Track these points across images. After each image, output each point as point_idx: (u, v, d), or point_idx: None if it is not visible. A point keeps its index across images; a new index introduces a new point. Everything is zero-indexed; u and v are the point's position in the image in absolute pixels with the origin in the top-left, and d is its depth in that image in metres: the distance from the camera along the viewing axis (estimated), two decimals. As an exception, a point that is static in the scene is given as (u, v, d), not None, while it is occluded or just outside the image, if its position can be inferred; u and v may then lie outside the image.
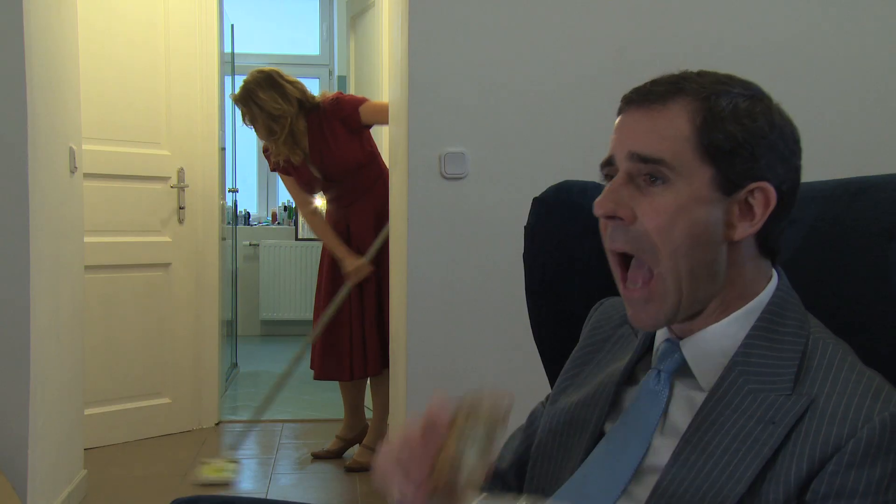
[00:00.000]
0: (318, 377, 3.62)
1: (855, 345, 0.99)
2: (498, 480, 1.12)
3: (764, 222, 0.95)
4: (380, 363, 3.44)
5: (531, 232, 1.36)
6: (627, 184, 0.95)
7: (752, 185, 0.94)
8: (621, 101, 1.00)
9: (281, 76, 3.47)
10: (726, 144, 0.93)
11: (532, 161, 2.53)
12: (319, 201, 3.85)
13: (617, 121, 0.99)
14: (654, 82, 0.98)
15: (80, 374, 3.14)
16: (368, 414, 3.77)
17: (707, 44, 2.58)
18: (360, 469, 3.46)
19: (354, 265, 3.44)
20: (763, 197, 0.95)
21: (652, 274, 0.95)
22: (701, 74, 0.99)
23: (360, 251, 3.49)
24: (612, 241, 0.98)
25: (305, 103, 3.47)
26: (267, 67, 3.52)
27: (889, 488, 0.85)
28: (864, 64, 2.66)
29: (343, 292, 3.46)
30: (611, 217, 0.96)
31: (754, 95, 0.97)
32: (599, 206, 0.96)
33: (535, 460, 1.09)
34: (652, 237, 0.93)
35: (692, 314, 0.97)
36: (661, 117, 0.95)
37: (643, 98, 0.97)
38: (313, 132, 3.48)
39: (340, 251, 3.49)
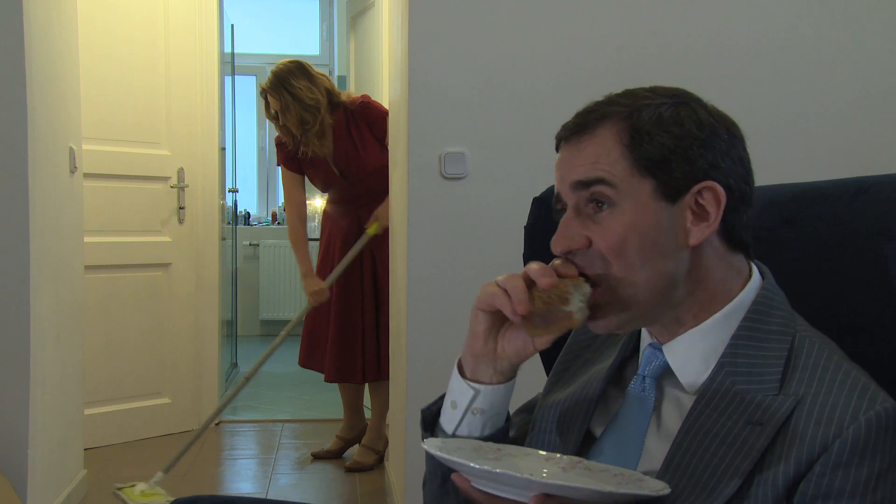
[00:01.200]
0: (330, 380, 3.60)
1: (854, 345, 0.99)
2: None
3: (721, 219, 0.96)
4: None
5: (531, 232, 1.36)
6: (577, 217, 0.97)
7: (698, 187, 0.95)
8: (555, 139, 1.02)
9: (311, 67, 3.45)
10: (658, 155, 0.95)
11: (532, 161, 2.53)
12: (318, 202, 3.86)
13: (556, 160, 1.02)
14: (578, 114, 1.00)
15: (80, 374, 3.14)
16: (368, 414, 3.77)
17: (706, 43, 2.58)
18: (360, 469, 3.46)
19: (315, 287, 3.46)
20: (712, 196, 0.95)
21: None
22: (624, 94, 1.00)
23: (371, 253, 3.49)
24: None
25: (333, 98, 3.45)
26: (296, 59, 3.49)
27: (877, 488, 0.85)
28: (865, 63, 2.65)
29: (301, 313, 3.55)
30: (569, 252, 0.97)
31: (678, 102, 0.98)
32: (556, 246, 0.98)
33: None
34: (606, 257, 0.95)
35: (658, 319, 0.98)
36: (591, 145, 0.97)
37: (572, 132, 0.99)
38: (339, 131, 3.46)
39: (306, 268, 3.53)
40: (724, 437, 0.91)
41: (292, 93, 3.34)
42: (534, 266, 0.97)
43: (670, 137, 0.95)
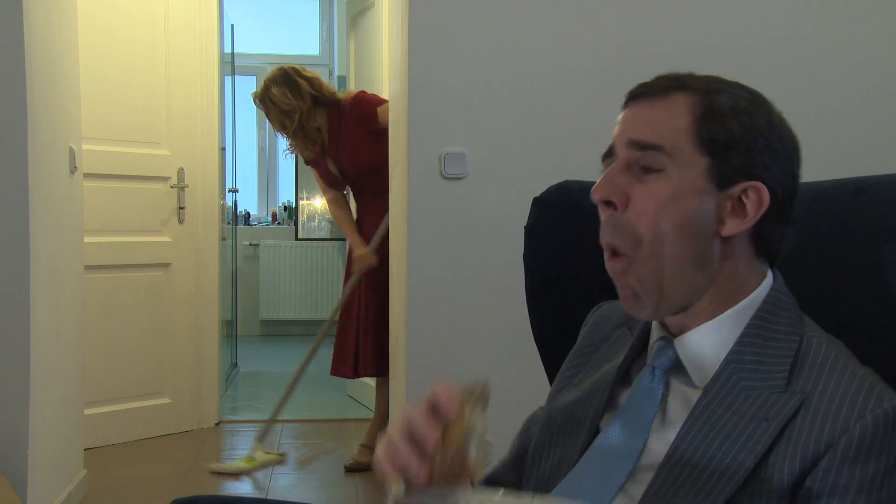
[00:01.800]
0: (332, 373, 3.71)
1: (854, 345, 0.99)
2: (492, 481, 1.12)
3: (756, 222, 0.96)
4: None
5: (531, 232, 1.36)
6: (624, 171, 0.97)
7: (747, 184, 0.95)
8: (626, 96, 1.02)
9: (297, 72, 3.51)
10: (723, 138, 0.95)
11: (532, 161, 2.53)
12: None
13: (620, 115, 1.01)
14: (658, 77, 1.00)
15: (80, 374, 3.14)
16: (370, 414, 3.77)
17: (707, 43, 2.58)
18: (359, 469, 3.46)
19: (357, 253, 3.49)
20: (756, 197, 0.96)
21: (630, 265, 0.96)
22: (706, 75, 1.01)
23: None
24: (603, 234, 0.99)
25: (322, 99, 3.50)
26: (287, 65, 3.58)
27: (883, 485, 0.85)
28: (865, 63, 2.66)
29: (351, 282, 3.51)
30: (606, 202, 0.97)
31: (755, 98, 0.99)
32: (596, 191, 0.97)
33: (532, 459, 1.09)
34: (636, 226, 0.95)
35: (682, 306, 0.98)
36: (662, 108, 0.97)
37: (646, 92, 0.99)
38: (332, 129, 3.52)
39: (353, 238, 3.57)
40: (729, 432, 0.91)
41: (271, 99, 3.49)
42: (416, 419, 0.83)
43: (740, 126, 0.95)
